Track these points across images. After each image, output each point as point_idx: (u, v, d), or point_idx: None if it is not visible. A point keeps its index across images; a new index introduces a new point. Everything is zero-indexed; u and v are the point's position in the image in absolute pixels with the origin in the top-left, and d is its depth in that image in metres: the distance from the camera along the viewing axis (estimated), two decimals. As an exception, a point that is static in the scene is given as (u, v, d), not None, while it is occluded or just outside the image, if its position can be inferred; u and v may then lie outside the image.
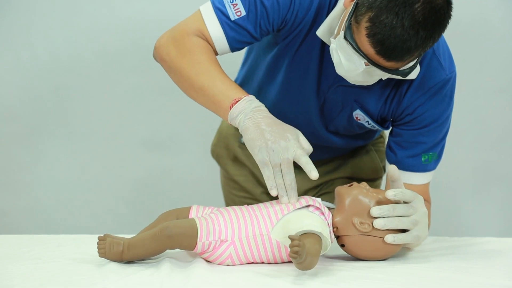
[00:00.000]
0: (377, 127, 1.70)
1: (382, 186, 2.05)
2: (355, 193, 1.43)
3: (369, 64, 1.42)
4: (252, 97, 1.51)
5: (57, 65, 2.66)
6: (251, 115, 1.47)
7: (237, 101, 1.49)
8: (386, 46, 1.36)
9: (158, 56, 1.62)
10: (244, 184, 1.99)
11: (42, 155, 2.74)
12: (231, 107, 1.49)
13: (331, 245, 1.39)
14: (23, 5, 2.61)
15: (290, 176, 1.42)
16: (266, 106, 1.53)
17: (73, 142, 2.74)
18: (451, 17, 1.39)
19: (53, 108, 2.70)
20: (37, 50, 2.65)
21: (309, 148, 1.45)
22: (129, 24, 2.65)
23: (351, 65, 1.45)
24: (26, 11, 2.62)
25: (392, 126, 1.70)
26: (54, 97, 2.69)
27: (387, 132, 1.78)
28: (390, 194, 1.41)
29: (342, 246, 1.45)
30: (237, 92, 1.51)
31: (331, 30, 1.54)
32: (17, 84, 2.67)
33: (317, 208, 1.41)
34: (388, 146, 1.69)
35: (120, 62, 2.67)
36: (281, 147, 1.42)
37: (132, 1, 2.65)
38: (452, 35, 2.42)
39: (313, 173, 1.42)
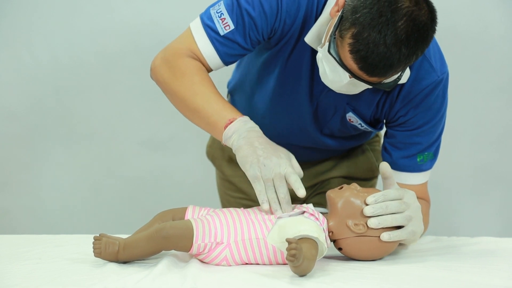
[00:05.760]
0: (369, 129, 1.70)
1: (378, 185, 2.05)
2: (346, 195, 1.42)
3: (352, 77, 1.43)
4: (247, 118, 1.51)
5: (57, 65, 2.66)
6: (245, 135, 1.47)
7: (231, 122, 1.50)
8: (369, 63, 1.36)
9: (153, 77, 1.63)
10: (240, 184, 1.99)
11: (42, 155, 2.74)
12: (225, 127, 1.50)
13: (327, 250, 1.39)
14: (23, 6, 2.62)
15: (283, 189, 1.42)
16: (259, 112, 1.52)
17: (73, 142, 2.75)
18: (436, 31, 1.40)
19: (54, 109, 2.71)
20: (38, 51, 2.65)
21: (300, 172, 1.46)
22: (129, 25, 2.65)
23: (335, 76, 1.45)
24: (26, 11, 2.63)
25: (386, 127, 1.70)
26: (54, 97, 2.70)
27: (383, 131, 1.79)
28: (371, 200, 1.41)
29: (340, 249, 1.45)
30: (232, 112, 1.51)
31: (319, 36, 1.54)
32: (18, 85, 2.68)
33: (311, 214, 1.41)
34: (383, 147, 1.69)
35: (120, 62, 2.68)
36: (273, 162, 1.43)
37: (131, 2, 2.65)
38: (451, 35, 2.42)
39: (300, 191, 1.42)
